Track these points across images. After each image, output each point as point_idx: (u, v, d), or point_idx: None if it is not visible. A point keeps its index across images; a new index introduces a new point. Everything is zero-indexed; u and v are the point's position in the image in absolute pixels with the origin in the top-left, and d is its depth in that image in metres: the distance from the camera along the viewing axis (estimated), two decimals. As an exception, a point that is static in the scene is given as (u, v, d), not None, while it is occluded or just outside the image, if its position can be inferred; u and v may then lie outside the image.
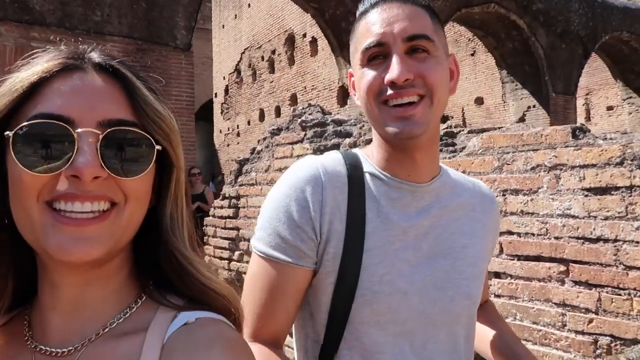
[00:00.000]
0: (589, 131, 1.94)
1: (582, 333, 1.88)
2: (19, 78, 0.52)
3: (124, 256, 0.57)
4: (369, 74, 0.81)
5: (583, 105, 14.21)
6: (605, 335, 1.82)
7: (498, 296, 2.14)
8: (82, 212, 0.50)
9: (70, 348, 0.53)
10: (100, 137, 0.51)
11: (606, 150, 1.81)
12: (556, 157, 1.96)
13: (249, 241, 3.87)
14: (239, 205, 3.88)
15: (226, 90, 17.89)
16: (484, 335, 1.01)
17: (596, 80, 14.17)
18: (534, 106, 11.17)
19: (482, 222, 0.93)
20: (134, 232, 0.56)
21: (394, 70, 0.77)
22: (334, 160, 0.86)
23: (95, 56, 0.56)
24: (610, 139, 1.86)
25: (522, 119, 11.14)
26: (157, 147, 0.54)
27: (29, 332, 0.56)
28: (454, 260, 0.86)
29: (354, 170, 0.85)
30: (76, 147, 0.50)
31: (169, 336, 0.53)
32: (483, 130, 2.54)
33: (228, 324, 0.57)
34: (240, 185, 3.89)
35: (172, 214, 0.58)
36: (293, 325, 0.88)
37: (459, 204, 0.90)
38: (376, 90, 0.80)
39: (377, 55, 0.80)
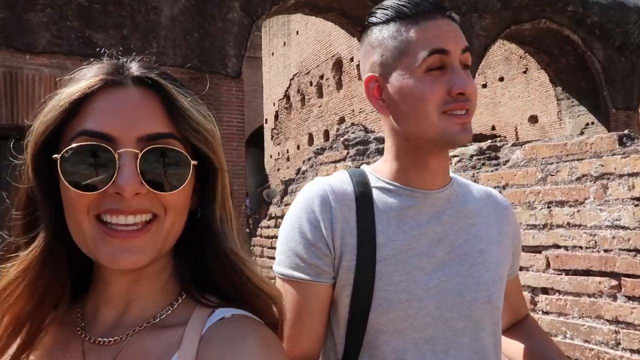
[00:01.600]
0: (637, 138, 1.85)
1: (638, 352, 1.76)
2: (64, 94, 0.56)
3: (166, 257, 0.61)
4: (430, 84, 0.82)
5: (647, 120, 13.42)
6: (664, 354, 1.70)
7: (546, 313, 2.05)
8: (126, 224, 0.55)
9: (116, 338, 0.58)
10: (140, 154, 0.54)
11: (656, 157, 1.72)
12: (602, 165, 1.88)
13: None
14: (284, 224, 3.93)
15: (276, 116, 18.32)
16: (525, 350, 0.99)
17: (661, 93, 13.37)
18: (592, 123, 10.69)
19: (498, 228, 0.94)
20: (175, 239, 0.59)
21: (465, 81, 0.82)
22: (340, 179, 0.89)
23: (135, 70, 0.58)
24: (661, 145, 1.77)
25: (579, 136, 10.67)
26: (193, 162, 0.57)
27: (81, 323, 0.61)
28: (471, 266, 0.87)
29: (361, 186, 0.88)
30: (118, 166, 0.53)
31: (207, 329, 0.57)
32: (527, 143, 2.48)
33: (261, 322, 0.60)
34: (285, 205, 3.96)
35: (222, 217, 0.61)
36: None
37: (471, 211, 0.92)
38: (440, 101, 0.82)
39: (436, 67, 0.83)
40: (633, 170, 1.78)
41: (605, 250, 1.86)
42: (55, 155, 0.55)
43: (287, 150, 17.37)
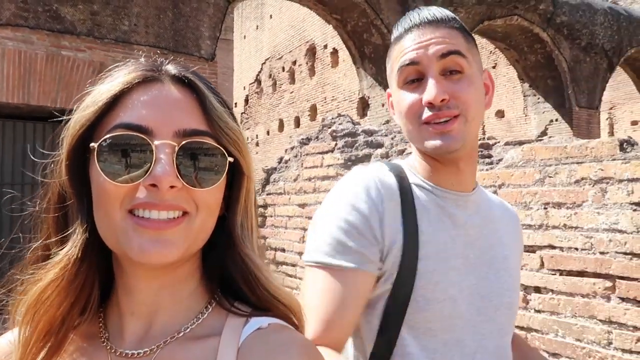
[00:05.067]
0: (637, 144, 1.90)
1: (630, 352, 1.83)
2: (102, 90, 0.56)
3: (194, 263, 0.59)
4: (408, 96, 0.85)
5: (607, 119, 14.00)
6: (655, 354, 1.76)
7: (538, 311, 2.10)
8: (159, 219, 0.53)
9: (146, 350, 0.55)
10: (177, 148, 0.53)
11: (656, 164, 1.77)
12: (602, 170, 1.92)
13: (275, 250, 3.86)
14: (266, 215, 3.88)
15: (246, 100, 18.05)
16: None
17: (620, 94, 13.96)
18: (556, 120, 11.03)
19: (513, 236, 0.97)
20: (206, 239, 0.58)
21: (431, 91, 0.81)
22: (384, 173, 0.88)
23: (172, 68, 0.58)
24: (660, 152, 1.82)
25: (544, 133, 11.01)
26: (230, 158, 0.56)
27: (105, 334, 0.58)
28: (497, 271, 0.89)
29: (402, 181, 0.88)
30: (154, 158, 0.53)
31: (244, 340, 0.55)
32: (521, 143, 2.51)
33: (299, 332, 0.59)
34: (267, 194, 3.90)
35: (242, 223, 0.60)
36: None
37: (496, 217, 0.94)
38: (416, 112, 0.84)
39: (413, 79, 0.84)
40: (633, 175, 1.83)
41: (602, 253, 1.91)
42: (93, 144, 0.54)
43: (257, 136, 17.17)
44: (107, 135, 0.53)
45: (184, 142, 0.54)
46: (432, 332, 0.82)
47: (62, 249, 0.56)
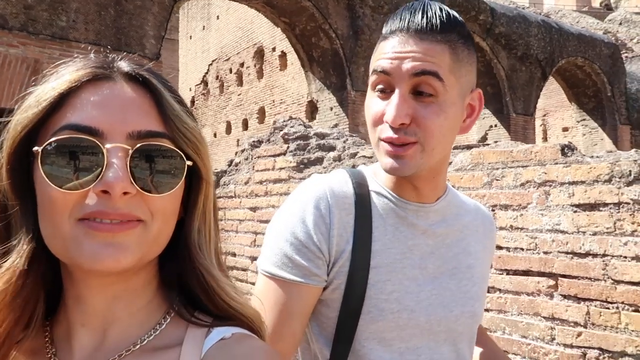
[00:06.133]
0: (577, 149, 2.01)
1: (571, 346, 1.92)
2: (47, 88, 0.51)
3: (150, 271, 0.56)
4: (374, 105, 0.81)
5: (541, 125, 14.83)
6: (594, 348, 1.87)
7: (487, 310, 2.17)
8: (111, 222, 0.50)
9: None
10: (130, 151, 0.50)
11: (595, 168, 1.88)
12: (546, 173, 2.01)
13: (226, 254, 3.78)
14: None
15: (192, 102, 17.66)
16: (480, 355, 1.02)
17: (553, 102, 14.83)
18: (495, 125, 11.56)
19: (483, 243, 0.95)
20: (163, 247, 0.54)
21: (391, 112, 0.77)
22: (340, 180, 0.86)
23: (124, 65, 0.54)
24: (598, 157, 1.93)
25: (484, 138, 11.50)
26: (188, 162, 0.53)
27: (52, 349, 0.54)
28: (460, 280, 0.88)
29: (361, 188, 0.86)
30: (105, 162, 0.49)
31: (207, 351, 0.52)
32: (468, 147, 2.59)
33: (264, 342, 0.57)
34: (218, 198, 3.81)
35: (199, 228, 0.57)
36: (299, 347, 0.88)
37: (463, 225, 0.92)
38: (377, 124, 0.81)
39: (384, 89, 0.80)
40: (573, 179, 1.93)
41: (545, 252, 2.00)
42: (36, 148, 0.49)
43: (203, 138, 16.84)
44: (53, 138, 0.49)
45: (138, 145, 0.50)
46: (387, 341, 0.82)
47: (5, 261, 0.51)
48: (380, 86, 0.80)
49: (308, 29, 9.26)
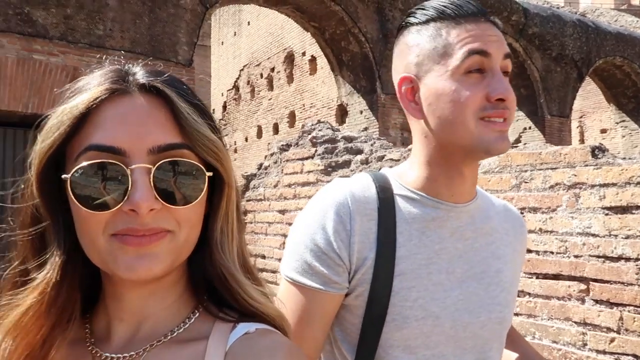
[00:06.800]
0: (608, 150, 1.97)
1: (604, 352, 1.88)
2: (67, 109, 0.53)
3: (180, 270, 0.59)
4: (469, 87, 0.79)
5: (577, 127, 14.41)
6: (628, 354, 1.82)
7: (516, 314, 2.13)
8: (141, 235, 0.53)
9: (133, 353, 0.56)
10: (153, 169, 0.52)
11: (627, 170, 1.83)
12: (575, 175, 1.98)
13: (255, 257, 3.84)
14: (247, 221, 3.86)
15: (224, 107, 17.95)
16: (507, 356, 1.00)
17: (590, 103, 14.40)
18: (529, 128, 11.31)
19: (513, 246, 0.92)
20: (190, 251, 0.57)
21: (504, 87, 0.78)
22: (362, 185, 0.85)
23: (140, 76, 0.55)
24: (630, 158, 1.89)
25: (517, 140, 11.26)
26: (208, 173, 0.55)
27: (90, 339, 0.58)
28: (488, 285, 0.86)
29: (384, 193, 0.84)
30: (130, 182, 0.51)
31: (231, 344, 0.55)
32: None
33: (286, 337, 0.59)
34: (247, 201, 3.88)
35: (222, 229, 0.59)
36: (322, 353, 0.88)
37: (492, 227, 0.90)
38: (478, 106, 0.79)
39: (475, 69, 0.79)
40: (604, 181, 1.89)
41: (576, 256, 1.96)
42: (65, 176, 0.52)
43: (235, 142, 17.07)
44: (79, 165, 0.52)
45: (160, 162, 0.52)
46: (412, 349, 0.80)
47: (40, 273, 0.54)
48: (475, 67, 0.79)
49: (337, 33, 9.30)
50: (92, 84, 0.54)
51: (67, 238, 0.55)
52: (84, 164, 0.52)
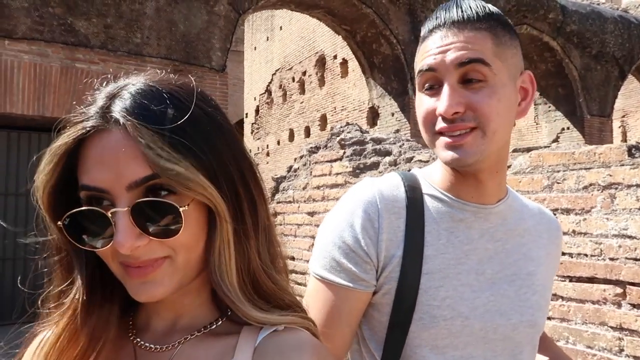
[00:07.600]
0: (646, 150, 1.90)
1: (642, 359, 1.81)
2: (52, 150, 0.56)
3: (203, 277, 0.60)
4: (424, 103, 0.81)
5: (619, 127, 13.88)
6: (667, 361, 1.74)
7: (549, 318, 2.08)
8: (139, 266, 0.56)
9: (168, 345, 0.60)
10: (129, 209, 0.52)
11: (665, 169, 1.76)
12: (611, 175, 1.91)
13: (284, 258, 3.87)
14: (276, 223, 3.90)
15: (257, 111, 18.18)
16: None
17: (633, 102, 13.85)
18: (568, 128, 10.96)
19: (547, 249, 0.90)
20: (197, 268, 0.58)
21: (443, 102, 0.76)
22: (391, 184, 0.85)
23: (117, 111, 0.54)
24: (669, 157, 1.81)
25: (555, 141, 10.93)
26: (182, 208, 0.53)
27: (133, 330, 0.63)
28: (519, 287, 0.84)
29: (413, 192, 0.84)
30: (113, 225, 0.53)
31: (261, 340, 0.58)
32: (528, 150, 2.51)
33: (313, 335, 0.61)
34: (277, 203, 3.92)
35: (220, 251, 0.57)
36: (349, 352, 0.88)
37: (525, 229, 0.88)
38: (430, 121, 0.80)
39: (432, 85, 0.80)
40: (642, 181, 1.82)
41: (611, 259, 1.90)
42: (59, 223, 0.55)
43: (267, 145, 17.26)
44: (67, 214, 0.54)
45: (135, 203, 0.52)
46: (440, 349, 0.80)
47: (67, 297, 0.59)
48: (428, 84, 0.79)
49: (369, 35, 9.28)
50: (77, 119, 0.56)
51: (90, 257, 0.58)
52: (72, 211, 0.54)
